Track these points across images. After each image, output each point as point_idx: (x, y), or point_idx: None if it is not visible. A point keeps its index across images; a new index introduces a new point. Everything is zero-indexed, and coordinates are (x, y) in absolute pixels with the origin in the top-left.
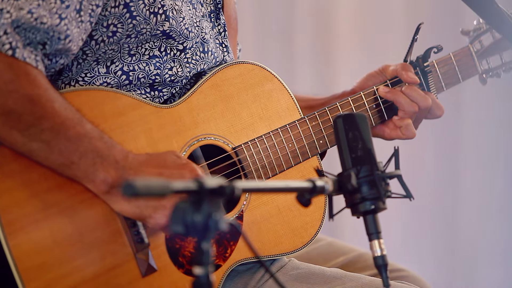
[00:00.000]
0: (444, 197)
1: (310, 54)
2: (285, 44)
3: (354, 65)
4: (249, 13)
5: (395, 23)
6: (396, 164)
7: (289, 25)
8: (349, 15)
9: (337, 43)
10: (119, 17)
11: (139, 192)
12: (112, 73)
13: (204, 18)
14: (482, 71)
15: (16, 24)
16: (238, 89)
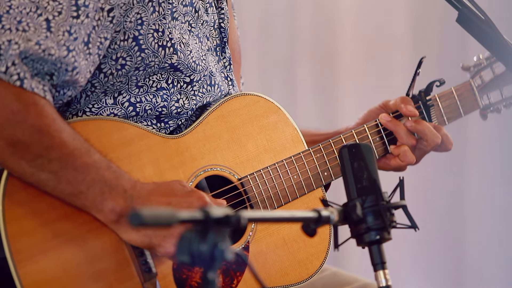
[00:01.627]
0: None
1: (312, 86)
2: (287, 77)
3: (356, 98)
4: (252, 45)
5: (398, 55)
6: (401, 194)
7: (291, 57)
8: (352, 47)
9: (340, 75)
10: (128, 50)
11: (146, 221)
12: (119, 104)
13: (210, 51)
14: (483, 106)
15: (24, 55)
16: (243, 121)
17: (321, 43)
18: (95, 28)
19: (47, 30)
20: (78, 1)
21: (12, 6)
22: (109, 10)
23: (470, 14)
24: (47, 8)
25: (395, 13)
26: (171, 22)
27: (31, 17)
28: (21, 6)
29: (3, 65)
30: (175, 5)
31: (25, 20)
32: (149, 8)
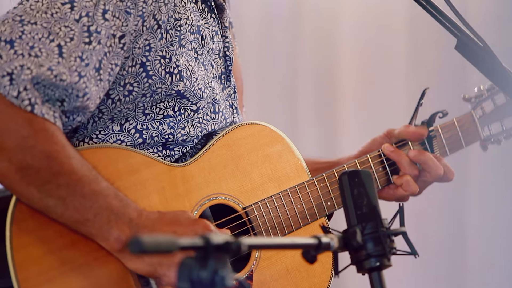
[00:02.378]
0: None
1: (313, 115)
2: (288, 106)
3: (357, 127)
4: (253, 73)
5: (398, 85)
6: (401, 221)
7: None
8: (352, 76)
9: (340, 104)
10: (135, 76)
11: (146, 248)
12: (126, 131)
13: (215, 79)
14: (484, 137)
15: (36, 81)
16: (248, 150)
17: (321, 72)
18: (106, 55)
19: (59, 56)
20: (90, 28)
21: (24, 31)
22: (120, 37)
23: (468, 41)
24: (59, 34)
25: (395, 41)
26: (178, 49)
27: (43, 42)
28: (33, 32)
29: (15, 90)
30: (183, 32)
31: (38, 45)
32: (158, 35)
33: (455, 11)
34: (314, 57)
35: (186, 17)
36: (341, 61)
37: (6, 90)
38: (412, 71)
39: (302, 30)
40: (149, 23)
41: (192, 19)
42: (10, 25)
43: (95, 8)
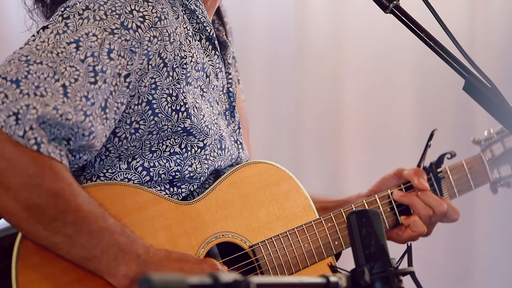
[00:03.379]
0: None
1: (318, 153)
2: (293, 142)
3: (362, 165)
4: (259, 109)
5: (405, 125)
6: (409, 260)
7: (297, 123)
8: (358, 115)
9: (345, 144)
10: (141, 114)
11: (156, 286)
12: (133, 169)
13: (220, 116)
14: (493, 180)
15: (42, 120)
16: (255, 188)
17: (326, 109)
18: (112, 94)
19: (64, 95)
20: (96, 67)
21: (30, 71)
22: (126, 76)
23: (476, 82)
24: (64, 74)
25: (402, 81)
26: (185, 87)
27: (49, 82)
28: (39, 71)
29: (21, 130)
30: (189, 70)
31: (43, 85)
32: (164, 73)
33: (462, 51)
34: (319, 94)
35: (191, 55)
36: (346, 99)
37: (12, 130)
38: (419, 111)
39: (307, 67)
40: (155, 62)
41: (197, 57)
42: (16, 65)
43: (100, 47)
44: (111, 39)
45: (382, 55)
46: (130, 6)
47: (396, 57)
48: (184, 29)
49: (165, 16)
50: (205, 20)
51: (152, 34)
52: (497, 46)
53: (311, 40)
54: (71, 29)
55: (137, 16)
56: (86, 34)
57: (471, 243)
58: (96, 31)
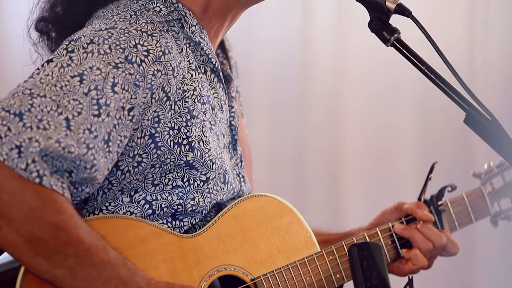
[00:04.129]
0: None
1: (319, 190)
2: (295, 178)
3: (362, 202)
4: (261, 144)
5: (406, 158)
6: None
7: (299, 159)
8: (358, 152)
9: (346, 179)
10: (144, 147)
11: None
12: (135, 202)
13: (225, 149)
14: (494, 213)
15: (44, 153)
16: (257, 221)
17: (327, 149)
18: (115, 127)
19: (67, 128)
20: (100, 100)
21: (34, 104)
22: (129, 109)
23: (477, 115)
24: (67, 107)
25: (402, 114)
26: (190, 120)
27: (52, 115)
28: (42, 105)
29: (23, 163)
30: (191, 104)
31: (46, 118)
32: (166, 107)
33: (463, 84)
34: (321, 130)
35: (194, 88)
36: (347, 134)
37: (15, 163)
38: (420, 144)
39: (310, 104)
40: (158, 95)
41: (200, 90)
42: (19, 98)
43: (104, 81)
44: (115, 73)
45: (383, 88)
46: (134, 40)
47: (397, 90)
48: (187, 62)
49: (169, 50)
50: (210, 52)
51: (156, 68)
52: (497, 79)
53: (314, 79)
54: (75, 63)
55: (141, 50)
56: (90, 68)
57: (472, 268)
58: (100, 65)
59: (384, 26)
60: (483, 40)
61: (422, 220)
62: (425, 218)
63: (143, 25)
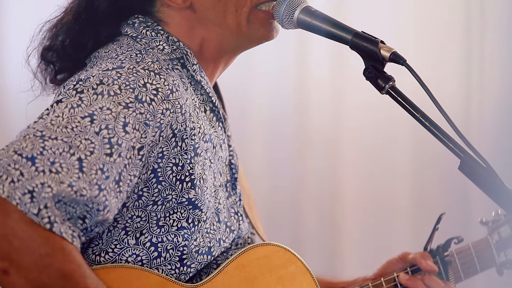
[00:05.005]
0: None
1: (317, 236)
2: (292, 222)
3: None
4: (258, 186)
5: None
6: None
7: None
8: (355, 201)
9: (344, 224)
10: (145, 181)
11: None
12: (141, 245)
13: (221, 187)
14: (499, 263)
15: (57, 199)
16: (262, 271)
17: (324, 198)
18: (126, 167)
19: (79, 170)
20: (112, 139)
21: (45, 147)
22: (139, 149)
23: (472, 162)
24: (79, 147)
25: (398, 162)
26: (194, 157)
27: (64, 157)
28: (54, 147)
29: (35, 208)
30: (197, 141)
31: (58, 160)
32: (172, 143)
33: (457, 131)
34: (318, 179)
35: (199, 126)
36: (345, 182)
37: (27, 208)
38: (416, 189)
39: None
40: (166, 133)
41: (204, 128)
42: (31, 140)
43: (115, 121)
44: (126, 113)
45: (379, 135)
46: (143, 80)
47: (393, 137)
48: (192, 100)
49: (177, 88)
50: (210, 91)
51: (165, 106)
52: (492, 126)
53: (311, 124)
54: (85, 103)
55: (150, 89)
56: (100, 108)
57: None
58: (110, 105)
59: (379, 74)
60: (478, 89)
61: (426, 270)
62: (429, 269)
63: (150, 64)
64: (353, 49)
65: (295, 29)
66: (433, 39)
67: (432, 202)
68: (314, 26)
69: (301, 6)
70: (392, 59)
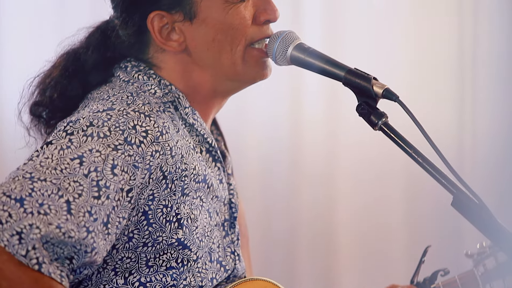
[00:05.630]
0: None
1: (311, 272)
2: (286, 259)
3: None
4: (252, 223)
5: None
6: None
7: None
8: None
9: (338, 260)
10: (136, 223)
11: None
12: (130, 284)
13: (217, 227)
14: None
15: (45, 240)
16: None
17: (319, 236)
18: (114, 209)
19: (67, 212)
20: (100, 182)
21: (34, 189)
22: (128, 191)
23: (464, 198)
24: (68, 189)
25: (392, 200)
26: (180, 197)
27: (53, 199)
28: (43, 189)
29: (23, 249)
30: (187, 182)
31: (47, 202)
32: (162, 185)
33: (450, 167)
34: (314, 216)
35: (193, 167)
36: (340, 219)
37: (15, 249)
38: (409, 225)
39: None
40: (156, 175)
41: (198, 169)
42: (20, 182)
43: (104, 163)
44: (114, 155)
45: (373, 171)
46: (133, 122)
47: (386, 173)
48: (186, 141)
49: (166, 130)
50: (205, 132)
51: (155, 148)
52: (485, 162)
53: (305, 161)
54: (75, 145)
55: (140, 131)
56: (89, 150)
57: None
58: (100, 148)
59: (372, 111)
60: (471, 124)
61: None
62: None
63: (140, 106)
64: (346, 86)
65: (288, 65)
66: (427, 74)
67: (425, 234)
68: (307, 63)
69: (295, 43)
70: (385, 96)
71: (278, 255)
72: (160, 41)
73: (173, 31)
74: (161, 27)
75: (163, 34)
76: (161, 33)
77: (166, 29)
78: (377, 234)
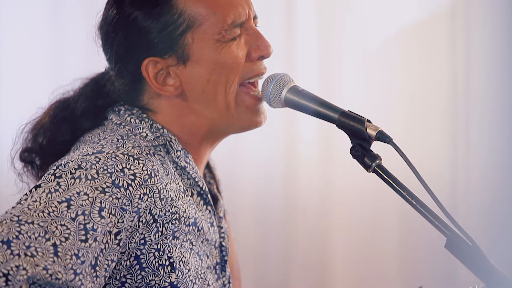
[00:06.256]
0: None
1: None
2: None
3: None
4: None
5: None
6: None
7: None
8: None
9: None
10: (129, 268)
11: None
12: None
13: (209, 269)
14: None
15: (32, 281)
16: None
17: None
18: (103, 251)
19: (54, 255)
20: (87, 225)
21: (21, 231)
22: (116, 233)
23: (458, 240)
24: (55, 233)
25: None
26: (172, 241)
27: (40, 241)
28: (30, 231)
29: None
30: (177, 225)
31: (34, 245)
32: (153, 229)
33: (444, 210)
34: (308, 253)
35: (184, 210)
36: (335, 256)
37: None
38: (403, 267)
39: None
40: (145, 218)
41: (188, 212)
42: (8, 225)
43: (91, 206)
44: (102, 198)
45: (368, 212)
46: (121, 165)
47: (379, 214)
48: (176, 185)
49: (155, 173)
50: (196, 176)
51: (143, 191)
52: (479, 204)
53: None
54: (62, 188)
55: (128, 174)
56: (77, 193)
57: None
58: (87, 190)
59: (366, 153)
60: (464, 166)
61: None
62: None
63: (130, 149)
64: (339, 128)
65: (282, 108)
66: (420, 116)
67: (418, 276)
68: (301, 105)
69: (289, 85)
70: (379, 138)
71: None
72: (156, 87)
73: (168, 76)
74: (156, 73)
75: (159, 80)
76: (157, 79)
77: (161, 75)
78: (371, 276)
